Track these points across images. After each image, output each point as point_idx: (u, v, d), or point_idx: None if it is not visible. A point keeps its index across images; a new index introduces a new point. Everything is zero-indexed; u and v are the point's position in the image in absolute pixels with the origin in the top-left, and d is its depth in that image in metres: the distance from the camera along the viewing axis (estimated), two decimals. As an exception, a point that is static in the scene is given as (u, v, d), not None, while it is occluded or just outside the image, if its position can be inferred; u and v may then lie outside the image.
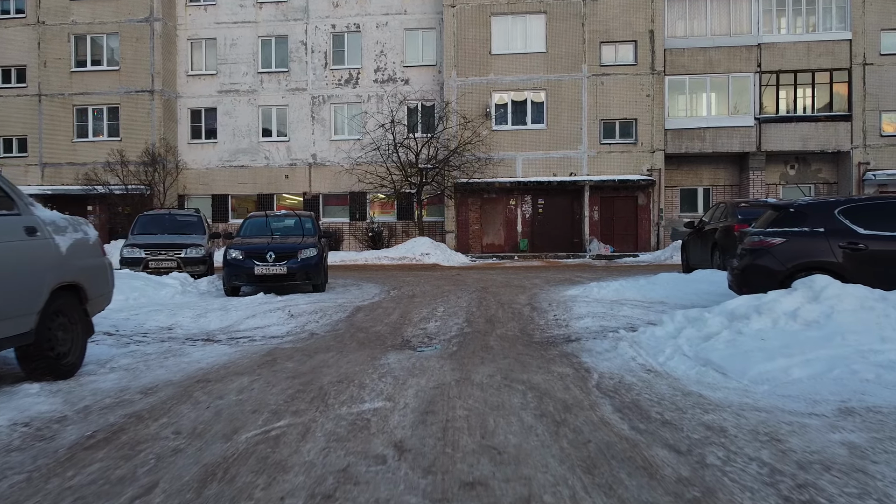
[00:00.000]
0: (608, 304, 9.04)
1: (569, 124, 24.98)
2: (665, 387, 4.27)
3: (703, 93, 24.88)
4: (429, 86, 26.25)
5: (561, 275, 16.10)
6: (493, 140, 24.94)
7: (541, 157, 25.10)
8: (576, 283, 13.03)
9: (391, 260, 20.91)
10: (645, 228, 24.90)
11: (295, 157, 27.38)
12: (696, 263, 13.04)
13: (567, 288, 12.04)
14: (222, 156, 27.75)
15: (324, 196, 27.37)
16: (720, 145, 24.48)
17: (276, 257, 11.21)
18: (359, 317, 8.80)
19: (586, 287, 11.17)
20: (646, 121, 24.65)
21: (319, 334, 7.56)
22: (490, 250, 25.57)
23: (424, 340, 7.17)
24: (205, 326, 8.18)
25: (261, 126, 27.68)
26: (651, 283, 10.44)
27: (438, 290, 12.52)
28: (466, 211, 25.71)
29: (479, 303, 10.13)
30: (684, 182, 25.84)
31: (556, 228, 25.39)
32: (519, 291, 11.81)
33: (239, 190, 27.63)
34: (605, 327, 7.51)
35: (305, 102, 27.32)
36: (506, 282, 14.11)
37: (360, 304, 10.17)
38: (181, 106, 27.93)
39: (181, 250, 13.53)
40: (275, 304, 9.72)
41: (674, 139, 24.74)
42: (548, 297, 10.51)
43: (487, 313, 8.95)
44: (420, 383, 4.50)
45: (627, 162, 24.78)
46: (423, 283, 13.99)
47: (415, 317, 8.74)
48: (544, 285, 12.96)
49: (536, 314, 8.71)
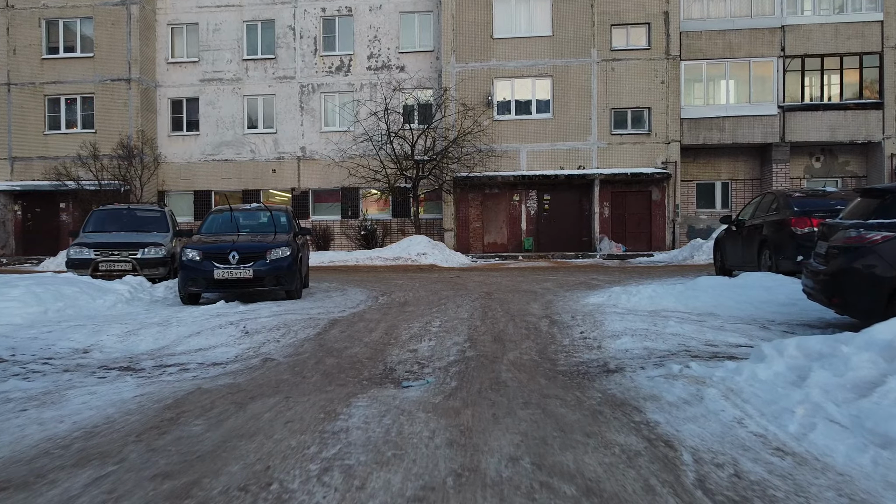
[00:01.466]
0: (647, 317, 7.21)
1: (577, 113, 23.15)
2: (834, 496, 2.41)
3: (722, 79, 23.05)
4: (426, 73, 24.40)
5: (573, 277, 14.28)
6: (496, 131, 23.11)
7: (547, 149, 23.27)
8: (595, 288, 11.22)
9: (384, 260, 19.09)
10: (659, 226, 23.07)
11: (283, 150, 25.54)
12: (734, 264, 11.23)
13: (586, 294, 10.23)
14: (205, 149, 25.91)
15: (314, 192, 25.53)
16: (740, 136, 22.65)
17: (240, 258, 9.38)
18: (333, 333, 6.97)
19: (610, 293, 9.35)
20: (660, 109, 22.82)
21: (275, 361, 5.73)
22: (492, 250, 23.75)
23: (413, 369, 5.37)
24: (132, 348, 6.36)
25: (246, 117, 25.83)
26: (691, 290, 8.61)
27: (435, 296, 10.70)
28: (466, 207, 23.88)
29: (484, 313, 8.31)
30: (701, 176, 24.01)
31: (564, 226, 23.56)
32: (529, 298, 9.99)
33: (223, 185, 25.78)
34: (651, 351, 5.69)
35: (294, 91, 25.47)
36: (512, 286, 12.30)
37: (340, 315, 8.34)
38: (161, 96, 26.08)
39: (138, 250, 11.70)
40: (231, 316, 7.88)
41: (690, 129, 22.91)
42: (566, 306, 8.68)
43: (495, 328, 7.12)
44: (391, 485, 2.65)
45: (640, 154, 22.96)
46: (418, 288, 12.17)
47: (403, 333, 6.92)
48: (558, 290, 11.14)
49: (557, 330, 6.88)
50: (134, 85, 24.91)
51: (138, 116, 24.94)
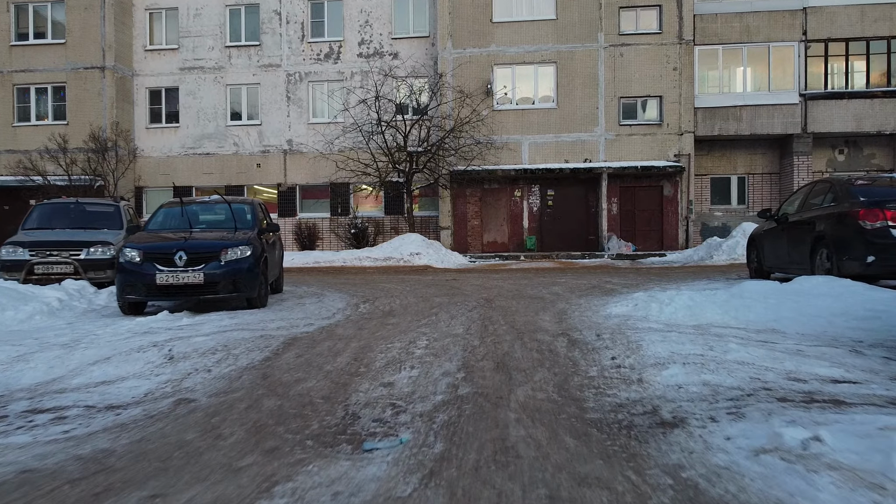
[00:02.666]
0: (694, 336, 5.59)
1: (583, 103, 21.54)
2: None
3: (739, 65, 21.45)
4: (421, 60, 22.78)
5: (583, 280, 12.67)
6: (495, 121, 21.51)
7: (550, 141, 21.67)
8: (612, 294, 9.62)
9: (374, 261, 17.47)
10: (671, 223, 21.47)
11: (268, 143, 23.92)
12: (775, 266, 9.63)
13: (603, 301, 8.63)
14: (185, 142, 24.28)
15: (301, 188, 23.91)
16: (759, 126, 21.04)
17: (188, 260, 7.76)
18: (286, 358, 5.36)
19: (635, 301, 7.73)
20: (672, 98, 21.22)
21: (192, 403, 4.12)
22: (492, 249, 22.15)
23: (384, 416, 3.78)
24: (11, 381, 4.74)
25: (229, 108, 24.21)
26: (738, 298, 7.00)
27: (426, 303, 9.09)
28: (464, 204, 22.27)
29: (483, 327, 6.70)
30: (715, 169, 22.41)
31: (569, 224, 21.95)
32: (537, 306, 8.38)
33: (204, 181, 24.16)
34: (716, 389, 4.08)
35: (280, 80, 23.85)
36: (516, 290, 10.69)
37: (304, 330, 6.73)
38: (138, 85, 24.45)
39: (81, 250, 10.07)
40: (161, 333, 6.23)
41: (705, 119, 21.31)
42: (584, 318, 7.07)
43: (497, 350, 5.51)
44: None
45: (651, 146, 21.35)
46: (408, 293, 10.56)
47: (379, 358, 5.30)
48: (570, 296, 9.53)
49: (579, 353, 5.26)
50: (108, 73, 23.27)
51: (113, 107, 23.31)
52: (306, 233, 21.56)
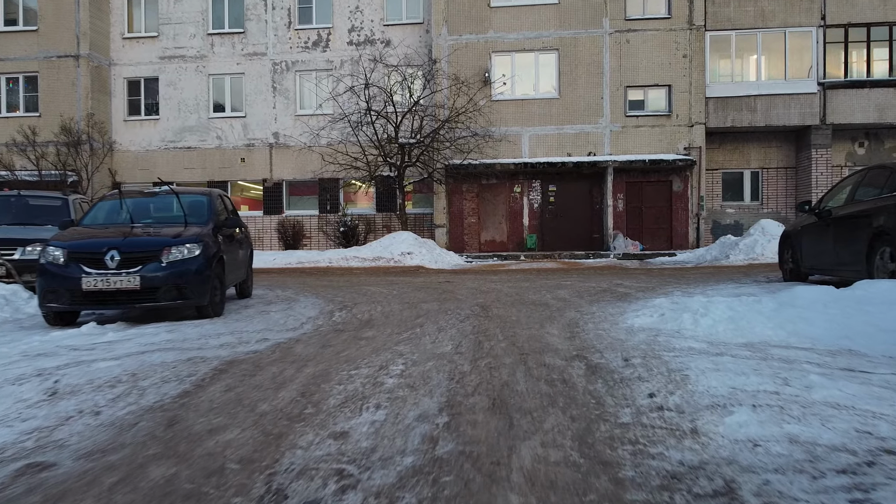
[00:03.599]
0: (756, 362, 4.26)
1: (587, 92, 20.23)
2: None
3: (754, 53, 20.13)
4: (414, 48, 21.45)
5: (591, 282, 11.36)
6: (494, 112, 20.19)
7: (552, 133, 20.36)
8: (626, 299, 8.32)
9: (362, 261, 16.14)
10: (681, 221, 20.16)
11: (253, 136, 22.58)
12: (816, 266, 8.33)
13: (620, 308, 7.32)
14: (165, 135, 22.94)
15: (288, 183, 22.59)
16: (774, 117, 19.74)
17: (122, 260, 6.44)
18: (211, 393, 4.03)
19: (660, 310, 6.42)
20: (682, 87, 19.91)
21: (49, 471, 2.81)
22: (490, 248, 20.83)
23: (321, 497, 2.47)
24: None
25: (211, 99, 22.88)
26: (791, 307, 5.68)
27: (411, 311, 7.78)
28: (460, 200, 20.95)
29: (477, 345, 5.39)
30: (728, 164, 21.10)
31: (572, 221, 20.65)
32: (542, 315, 7.07)
33: (185, 176, 22.80)
34: (812, 452, 2.77)
35: (265, 70, 22.52)
36: (516, 294, 9.38)
37: (251, 350, 5.41)
38: (115, 75, 23.11)
39: (14, 249, 8.75)
40: (60, 355, 4.89)
41: (717, 110, 20.00)
42: (602, 333, 5.75)
43: (494, 380, 4.19)
44: None
45: (660, 138, 20.05)
46: (393, 299, 9.24)
47: (336, 391, 3.98)
48: (578, 302, 8.21)
49: (603, 386, 3.94)
50: (83, 62, 21.93)
51: (88, 98, 21.97)
52: (290, 231, 20.24)
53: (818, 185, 19.60)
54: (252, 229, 22.38)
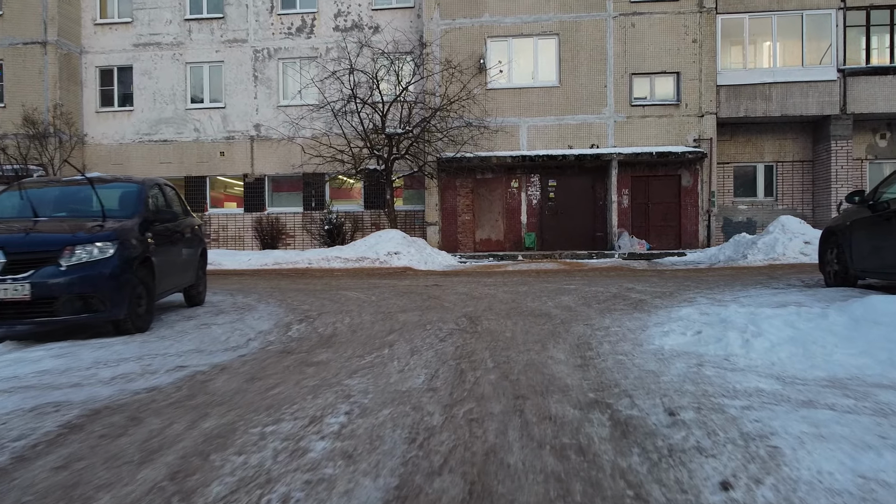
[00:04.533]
0: (867, 418, 2.88)
1: (589, 80, 18.85)
2: None
3: (768, 37, 18.75)
4: (405, 34, 20.03)
5: (597, 285, 9.98)
6: (489, 101, 18.80)
7: (552, 124, 18.98)
8: (644, 308, 6.95)
9: (345, 262, 14.74)
10: (691, 218, 18.79)
11: (233, 128, 21.17)
12: (874, 268, 6.95)
13: (640, 321, 5.96)
14: (140, 127, 21.53)
15: (271, 179, 21.18)
16: (791, 106, 18.36)
17: (8, 263, 5.04)
18: (32, 473, 2.62)
19: (693, 326, 5.07)
20: (691, 74, 18.54)
21: None
22: (485, 248, 19.45)
23: None
24: None
25: (189, 89, 21.47)
26: (875, 326, 4.30)
27: (385, 324, 6.40)
28: (454, 196, 19.56)
29: (457, 379, 4.00)
30: (740, 157, 19.73)
31: (573, 219, 19.26)
32: (543, 330, 5.69)
33: (162, 171, 21.37)
34: None
35: (246, 58, 21.11)
36: (512, 301, 7.99)
37: (149, 385, 4.05)
38: (87, 64, 21.69)
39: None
40: None
41: (728, 99, 18.63)
42: (625, 360, 4.35)
43: (474, 445, 2.79)
44: None
45: (668, 129, 18.68)
46: (367, 307, 7.86)
47: (226, 472, 2.57)
48: (587, 312, 6.83)
49: (642, 462, 2.54)
50: (51, 49, 20.50)
51: (56, 87, 20.55)
52: (268, 229, 18.83)
53: (838, 180, 18.25)
54: (232, 228, 21.00)
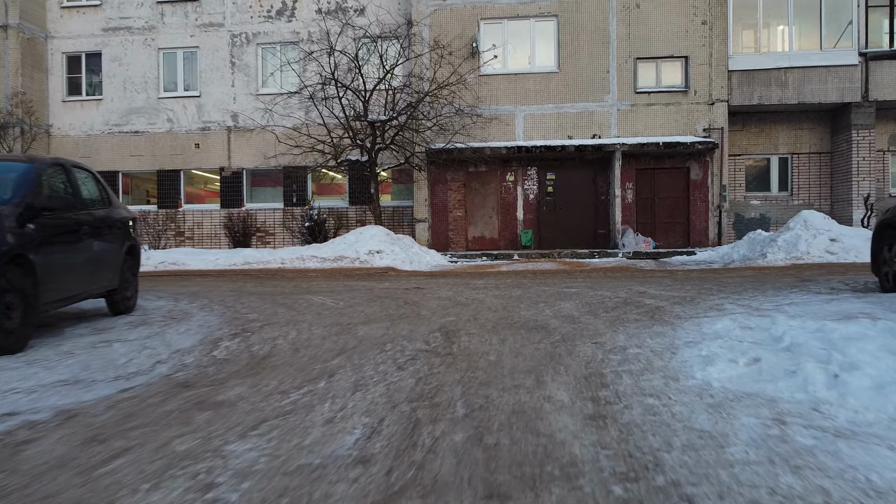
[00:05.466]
0: None
1: (590, 65, 17.47)
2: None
3: (784, 18, 17.38)
4: (392, 17, 18.60)
5: (604, 289, 8.60)
6: (483, 88, 17.42)
7: (550, 113, 17.59)
8: (663, 319, 5.60)
9: (321, 261, 13.34)
10: (700, 214, 17.41)
11: (209, 118, 19.76)
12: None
13: (666, 338, 4.62)
14: (109, 118, 20.11)
15: (249, 172, 19.76)
16: (808, 93, 16.99)
17: None
18: None
19: (742, 351, 3.72)
20: (701, 59, 17.16)
21: None
22: (479, 246, 18.06)
23: None
24: None
25: (162, 77, 20.05)
26: None
27: (336, 341, 5.03)
28: (444, 190, 18.16)
29: (405, 440, 2.59)
30: (752, 148, 18.35)
31: (574, 215, 17.88)
32: (540, 354, 4.30)
33: (133, 164, 20.02)
34: None
35: (223, 43, 19.70)
36: (503, 309, 6.60)
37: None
38: (52, 50, 20.26)
39: None
40: None
41: (741, 85, 17.25)
42: (659, 408, 2.95)
43: None
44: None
45: (675, 118, 17.30)
46: (329, 315, 6.49)
47: None
48: (594, 324, 5.45)
49: None
50: (12, 33, 19.07)
51: (18, 74, 19.12)
52: (239, 226, 17.41)
53: (859, 172, 16.89)
54: (207, 225, 19.59)
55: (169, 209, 19.77)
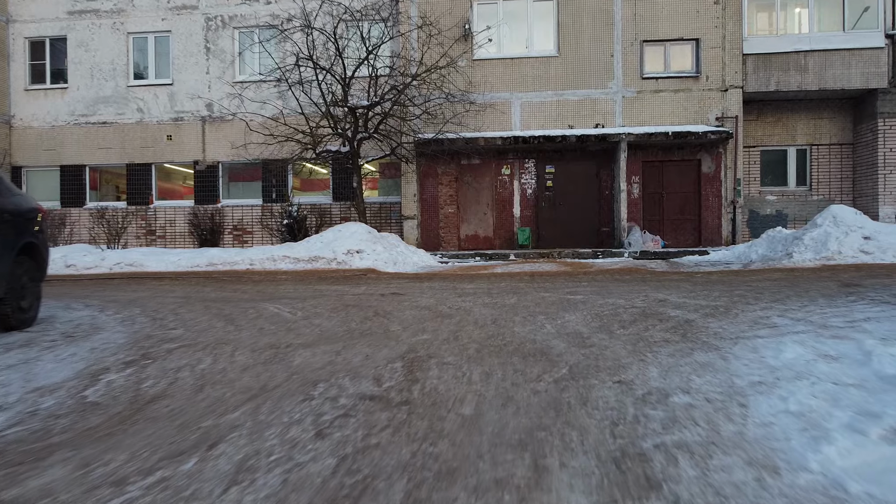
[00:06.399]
0: None
1: (593, 49, 16.10)
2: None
3: (803, -3, 16.05)
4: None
5: (616, 296, 7.23)
6: (476, 73, 16.04)
7: (550, 100, 16.22)
8: (699, 339, 4.21)
9: (294, 262, 11.94)
10: (713, 210, 16.05)
11: (181, 108, 18.35)
12: None
13: (721, 377, 3.20)
14: (75, 107, 18.71)
15: (226, 167, 18.36)
16: (830, 79, 15.63)
17: None
18: None
19: (882, 418, 2.29)
20: (713, 42, 15.80)
21: None
22: (472, 245, 16.68)
23: None
24: None
25: (132, 63, 18.65)
26: None
27: (264, 372, 3.63)
28: (435, 185, 16.77)
29: None
30: (768, 139, 16.98)
31: (575, 211, 16.50)
32: (540, 402, 2.88)
33: (101, 158, 18.62)
34: None
35: (196, 27, 18.30)
36: (492, 325, 5.20)
37: None
38: (14, 34, 18.84)
39: None
40: None
41: (757, 70, 15.88)
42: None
43: None
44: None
45: (685, 106, 15.93)
46: (274, 329, 5.11)
47: None
48: (611, 347, 4.05)
49: None
50: (-32, 16, 17.67)
51: (-25, 60, 17.72)
52: (207, 223, 16.00)
53: (886, 165, 15.54)
54: (180, 223, 18.17)
55: (139, 206, 18.36)
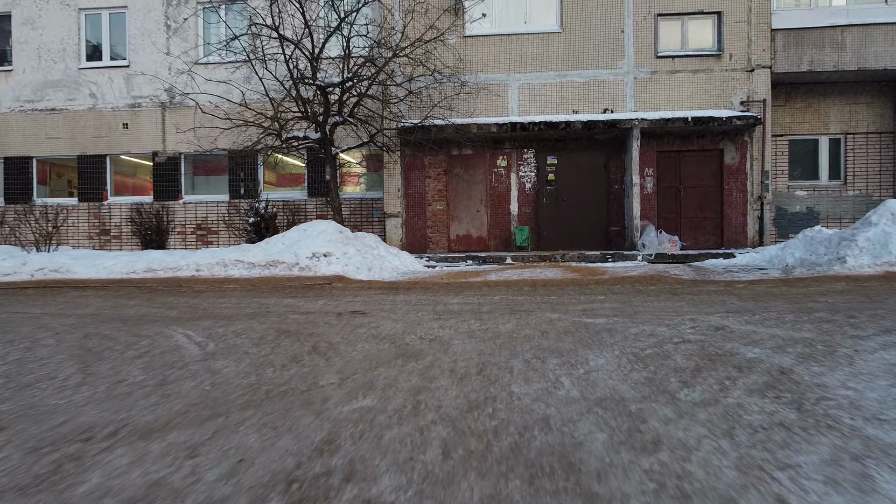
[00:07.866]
0: None
1: (601, 24, 14.19)
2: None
3: (840, -35, 14.16)
4: (359, -32, 15.25)
5: (655, 323, 5.32)
6: (468, 51, 14.12)
7: (552, 82, 14.31)
8: (820, 415, 2.18)
9: (248, 267, 9.99)
10: (737, 207, 14.16)
11: (139, 93, 16.39)
12: None
13: None
14: (20, 92, 16.73)
15: (188, 158, 16.41)
16: (871, 57, 13.75)
17: None
18: None
19: None
20: (737, 15, 13.91)
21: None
22: (464, 246, 14.76)
23: None
24: None
25: (84, 43, 16.68)
26: None
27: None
28: (422, 178, 14.84)
29: None
30: (797, 128, 15.10)
31: (580, 207, 14.59)
32: None
33: (49, 148, 16.65)
34: None
35: (156, 2, 16.34)
36: (477, 375, 3.24)
37: None
38: (-48, 10, 16.88)
39: None
40: None
41: (787, 48, 13.99)
42: None
43: None
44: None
45: (706, 89, 14.04)
46: (149, 378, 3.12)
47: None
48: (686, 441, 2.11)
49: None
50: None
51: None
52: (151, 222, 14.03)
53: (934, 155, 13.68)
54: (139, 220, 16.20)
55: (92, 202, 16.40)
